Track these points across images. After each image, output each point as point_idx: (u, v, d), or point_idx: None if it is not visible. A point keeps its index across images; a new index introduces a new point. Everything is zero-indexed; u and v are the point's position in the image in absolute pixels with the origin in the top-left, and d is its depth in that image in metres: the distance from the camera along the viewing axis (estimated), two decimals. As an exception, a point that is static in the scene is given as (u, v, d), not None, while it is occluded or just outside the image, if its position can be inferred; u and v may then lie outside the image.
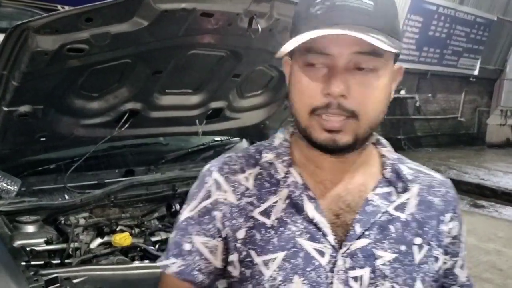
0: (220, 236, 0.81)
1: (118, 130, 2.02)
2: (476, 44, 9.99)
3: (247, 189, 0.81)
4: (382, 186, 0.81)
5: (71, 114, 1.88)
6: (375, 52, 0.70)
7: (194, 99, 2.19)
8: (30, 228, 1.72)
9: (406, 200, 0.81)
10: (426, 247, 0.80)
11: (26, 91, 1.61)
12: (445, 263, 0.84)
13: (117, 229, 1.86)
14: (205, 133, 2.40)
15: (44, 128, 1.85)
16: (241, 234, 0.79)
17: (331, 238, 0.76)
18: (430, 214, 0.82)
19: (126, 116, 2.01)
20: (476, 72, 10.38)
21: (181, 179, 2.22)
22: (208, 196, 0.82)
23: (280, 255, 0.77)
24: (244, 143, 2.77)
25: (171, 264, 0.82)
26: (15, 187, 1.79)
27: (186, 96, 2.16)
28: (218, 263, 0.82)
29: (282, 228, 0.78)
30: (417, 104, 9.68)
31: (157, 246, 1.83)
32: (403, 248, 0.78)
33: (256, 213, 0.79)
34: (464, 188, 6.61)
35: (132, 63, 1.78)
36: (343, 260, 0.76)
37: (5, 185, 1.77)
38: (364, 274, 0.76)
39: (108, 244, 1.79)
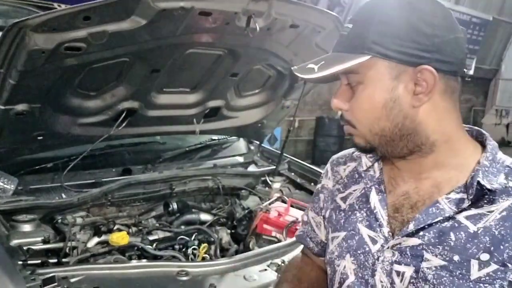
0: (322, 215, 1.01)
1: (115, 129, 2.02)
2: (471, 44, 10.01)
3: (341, 177, 0.98)
4: (458, 192, 0.79)
5: (68, 112, 1.88)
6: (352, 71, 0.79)
7: (192, 98, 2.19)
8: (27, 227, 1.72)
9: (488, 212, 0.76)
10: (494, 266, 0.72)
11: (23, 89, 1.60)
12: None
13: (114, 228, 1.86)
14: (202, 132, 2.40)
15: (41, 126, 1.84)
16: (327, 214, 0.98)
17: (385, 229, 0.83)
18: None
19: (123, 115, 2.01)
20: (471, 72, 10.40)
21: (178, 178, 2.22)
22: (320, 181, 1.04)
23: (342, 234, 0.90)
24: (241, 142, 2.78)
25: (299, 228, 1.09)
26: (12, 186, 1.78)
27: (184, 95, 2.16)
28: (322, 236, 1.02)
29: (350, 213, 0.91)
30: (413, 103, 9.68)
31: (154, 245, 1.83)
32: (456, 258, 0.75)
33: (338, 198, 0.96)
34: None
35: (129, 61, 1.78)
36: (391, 252, 0.81)
37: (1, 183, 1.76)
38: (407, 272, 0.78)
39: (105, 243, 1.78)
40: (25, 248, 1.60)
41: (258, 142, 2.76)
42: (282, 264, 1.62)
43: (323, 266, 1.01)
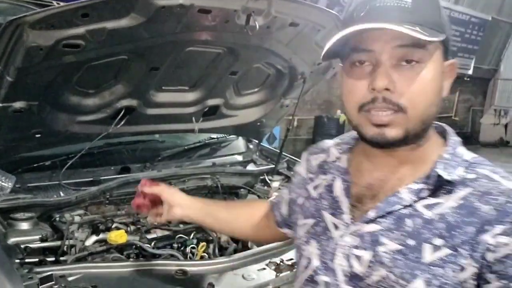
0: (291, 196, 1.09)
1: (114, 127, 2.01)
2: (470, 43, 10.02)
3: (312, 167, 1.02)
4: (418, 182, 0.81)
5: (66, 110, 1.87)
6: (417, 44, 0.75)
7: (191, 96, 2.18)
8: (25, 225, 1.71)
9: (445, 201, 0.79)
10: (447, 251, 0.75)
11: (21, 86, 1.59)
12: (488, 282, 0.74)
13: (113, 227, 1.85)
14: (201, 131, 2.39)
15: (39, 124, 1.83)
16: (300, 201, 1.02)
17: (346, 216, 0.87)
18: (470, 220, 0.76)
19: (122, 113, 2.00)
20: (470, 72, 10.42)
21: (177, 176, 2.22)
22: (297, 167, 1.09)
23: (310, 221, 0.94)
24: (240, 141, 2.77)
25: (274, 195, 1.14)
26: (10, 184, 1.78)
27: (183, 93, 2.15)
28: (284, 211, 1.12)
29: (318, 201, 0.94)
30: (412, 103, 9.69)
31: (152, 243, 1.82)
32: (411, 242, 0.78)
33: (309, 187, 1.00)
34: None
35: (128, 59, 1.77)
36: (351, 238, 0.84)
37: (-1, 181, 1.75)
38: (365, 256, 0.81)
39: (103, 241, 1.77)
40: (22, 246, 1.59)
41: (257, 141, 2.75)
42: (281, 263, 1.61)
43: (274, 233, 1.16)
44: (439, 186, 0.80)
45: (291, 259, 1.64)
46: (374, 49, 0.77)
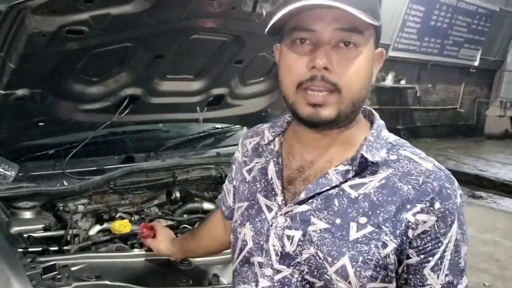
0: (233, 184, 1.07)
1: (118, 115, 1.99)
2: (477, 34, 9.93)
3: (247, 151, 1.03)
4: (345, 164, 0.85)
5: (70, 98, 1.84)
6: (355, 29, 0.78)
7: (195, 85, 2.15)
8: (28, 214, 1.70)
9: (369, 181, 0.83)
10: (370, 228, 0.80)
11: (23, 73, 1.57)
12: (409, 257, 0.80)
13: (117, 216, 1.83)
14: (205, 120, 2.37)
15: (42, 112, 1.81)
16: (237, 184, 1.03)
17: (279, 198, 0.89)
18: (391, 199, 0.80)
19: (126, 101, 1.97)
20: (476, 63, 10.34)
21: (181, 166, 2.20)
22: (234, 153, 1.08)
23: (245, 204, 0.96)
24: (245, 131, 2.74)
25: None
26: (13, 173, 1.76)
27: (187, 82, 2.12)
28: (231, 202, 1.10)
29: (252, 184, 0.96)
30: (417, 94, 9.64)
31: (157, 233, 1.80)
32: (338, 221, 0.81)
33: (244, 170, 1.01)
34: (463, 179, 6.60)
35: (133, 47, 1.74)
36: (284, 218, 0.87)
37: (2, 170, 1.74)
38: (296, 235, 0.84)
39: (107, 231, 1.76)
40: (25, 235, 1.58)
41: (261, 131, 2.72)
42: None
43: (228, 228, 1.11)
44: (365, 167, 0.84)
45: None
46: (315, 29, 0.79)
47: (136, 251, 1.56)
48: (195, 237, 1.34)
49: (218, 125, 2.64)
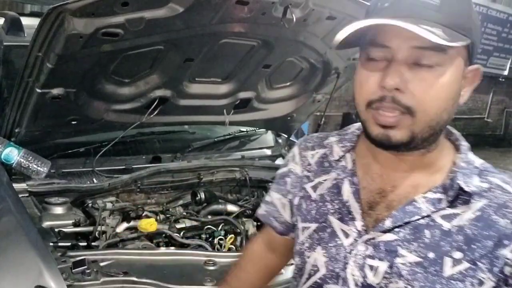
0: (289, 198, 0.97)
1: (147, 116, 2.03)
2: (507, 43, 9.71)
3: (309, 164, 0.93)
4: (435, 191, 0.77)
5: (102, 98, 1.89)
6: (437, 47, 0.69)
7: (223, 88, 2.18)
8: (59, 210, 1.75)
9: (462, 212, 0.75)
10: (466, 265, 0.73)
11: (59, 73, 1.62)
12: None
13: (143, 215, 1.87)
14: (231, 123, 2.39)
15: (75, 111, 1.86)
16: (296, 201, 0.94)
17: (358, 223, 0.81)
18: (488, 233, 0.73)
19: (155, 103, 2.01)
20: (506, 72, 10.10)
21: (206, 168, 2.23)
22: (286, 164, 0.99)
23: (313, 226, 0.87)
24: (269, 135, 2.76)
25: (260, 208, 1.05)
26: (45, 169, 1.82)
27: (215, 85, 2.15)
28: (287, 217, 0.99)
29: (321, 204, 0.87)
30: (444, 103, 9.48)
31: (181, 233, 1.83)
32: (431, 255, 0.75)
33: (308, 186, 0.92)
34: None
35: (164, 50, 1.77)
36: (365, 246, 0.79)
37: (35, 166, 1.80)
38: (381, 266, 0.77)
39: (133, 229, 1.80)
40: (56, 230, 1.63)
41: (286, 136, 2.73)
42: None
43: (284, 245, 1.03)
44: (456, 196, 0.76)
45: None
46: (390, 45, 0.72)
47: (162, 249, 1.59)
48: (240, 276, 1.11)
49: (243, 129, 2.66)
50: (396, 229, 0.77)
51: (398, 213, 0.78)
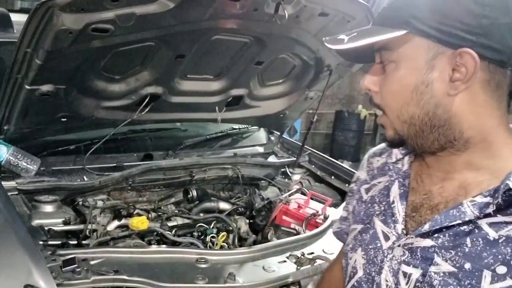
0: (348, 209, 0.96)
1: (138, 113, 2.01)
2: None
3: (373, 169, 0.93)
4: (486, 195, 0.70)
5: (92, 95, 1.87)
6: (385, 47, 0.74)
7: (215, 85, 2.16)
8: (49, 208, 1.73)
9: None
10: (510, 282, 0.64)
11: (49, 70, 1.60)
12: None
13: (134, 213, 1.86)
14: (224, 121, 2.37)
15: (65, 108, 1.84)
16: (353, 204, 0.93)
17: (399, 226, 0.78)
18: None
19: (146, 100, 2.00)
20: None
21: (198, 165, 2.22)
22: (357, 173, 0.98)
23: (359, 227, 0.86)
24: (262, 132, 2.75)
25: (334, 225, 1.05)
26: (35, 166, 1.79)
27: (207, 82, 2.13)
28: None
29: (369, 205, 0.87)
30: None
31: (173, 231, 1.82)
32: (467, 266, 0.68)
33: (362, 188, 0.92)
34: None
35: (155, 46, 1.76)
36: (402, 251, 0.76)
37: (25, 164, 1.77)
38: (414, 274, 0.73)
39: (125, 227, 1.78)
40: (46, 228, 1.61)
41: (278, 133, 2.73)
42: (302, 257, 1.60)
43: None
44: (510, 202, 0.67)
45: (312, 252, 1.63)
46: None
47: (154, 248, 1.58)
48: None
49: (236, 126, 2.65)
50: (436, 235, 0.72)
51: (439, 216, 0.72)
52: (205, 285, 1.38)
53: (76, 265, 1.32)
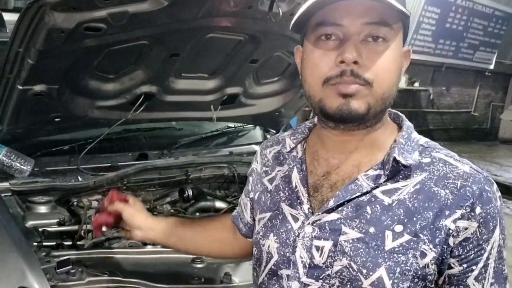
0: (249, 197, 1.02)
1: (132, 113, 2.00)
2: (493, 37, 9.82)
3: (268, 160, 0.98)
4: (375, 169, 0.81)
5: (86, 95, 1.86)
6: (385, 22, 0.76)
7: (210, 84, 2.15)
8: (43, 209, 1.72)
9: (403, 186, 0.78)
10: (407, 237, 0.75)
11: (41, 69, 1.58)
12: (450, 267, 0.77)
13: (130, 213, 1.84)
14: (219, 119, 2.37)
15: (58, 108, 1.82)
16: (256, 196, 0.97)
17: (305, 206, 0.84)
18: (428, 205, 0.76)
19: (141, 99, 1.98)
20: (492, 66, 10.23)
21: (194, 164, 2.21)
22: (251, 165, 1.04)
23: (267, 215, 0.91)
24: (258, 131, 2.74)
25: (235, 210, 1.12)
26: (28, 167, 1.78)
27: (202, 80, 2.12)
28: (248, 217, 1.04)
29: (275, 193, 0.92)
30: (431, 97, 9.57)
31: (169, 231, 1.81)
32: (372, 230, 0.77)
33: (265, 180, 0.96)
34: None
35: (149, 45, 1.75)
36: (311, 228, 0.82)
37: (18, 164, 1.76)
38: (326, 246, 0.80)
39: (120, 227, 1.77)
40: (40, 229, 1.60)
41: (274, 131, 2.72)
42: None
43: (243, 247, 1.09)
44: (397, 171, 0.79)
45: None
46: (343, 23, 0.76)
47: (149, 248, 1.57)
48: (195, 228, 1.20)
49: (231, 124, 2.64)
50: (340, 208, 0.80)
51: (340, 192, 0.81)
52: (201, 286, 1.38)
53: (70, 266, 1.31)
